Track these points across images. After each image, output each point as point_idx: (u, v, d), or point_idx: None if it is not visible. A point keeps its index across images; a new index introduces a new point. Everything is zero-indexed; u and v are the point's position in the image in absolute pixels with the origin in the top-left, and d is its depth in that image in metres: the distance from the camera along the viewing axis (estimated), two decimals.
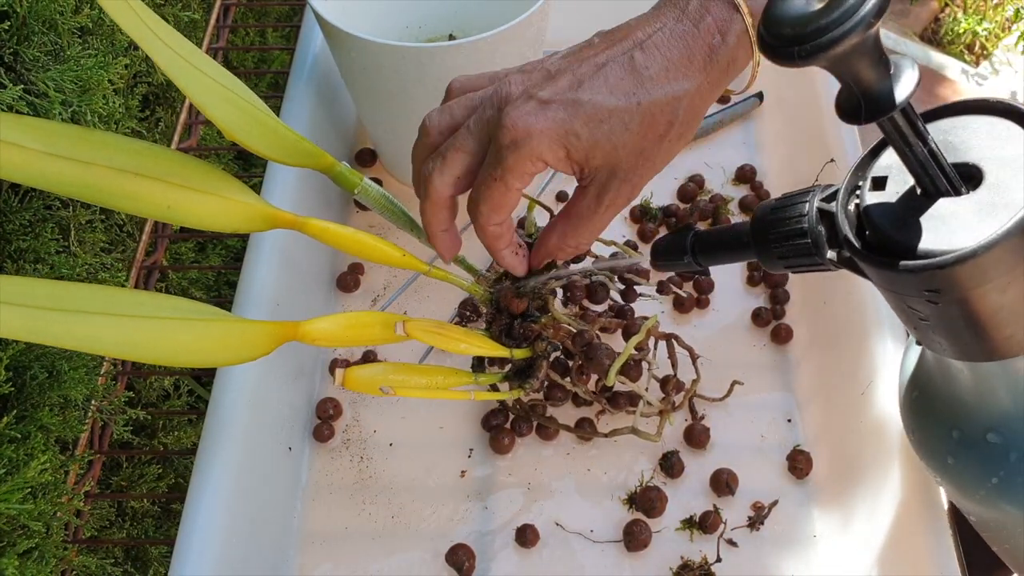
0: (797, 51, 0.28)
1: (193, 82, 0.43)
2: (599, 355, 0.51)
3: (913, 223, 0.32)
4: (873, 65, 0.30)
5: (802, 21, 0.28)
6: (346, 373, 0.45)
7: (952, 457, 0.39)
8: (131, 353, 0.40)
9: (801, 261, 0.38)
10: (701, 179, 0.71)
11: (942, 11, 1.71)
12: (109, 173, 0.42)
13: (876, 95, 0.30)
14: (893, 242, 0.33)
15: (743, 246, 0.41)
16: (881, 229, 0.33)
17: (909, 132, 0.32)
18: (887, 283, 0.34)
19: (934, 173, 0.32)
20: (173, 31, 0.44)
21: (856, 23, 0.27)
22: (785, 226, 0.38)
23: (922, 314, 0.34)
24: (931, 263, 0.31)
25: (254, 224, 0.46)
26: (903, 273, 0.32)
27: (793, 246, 0.38)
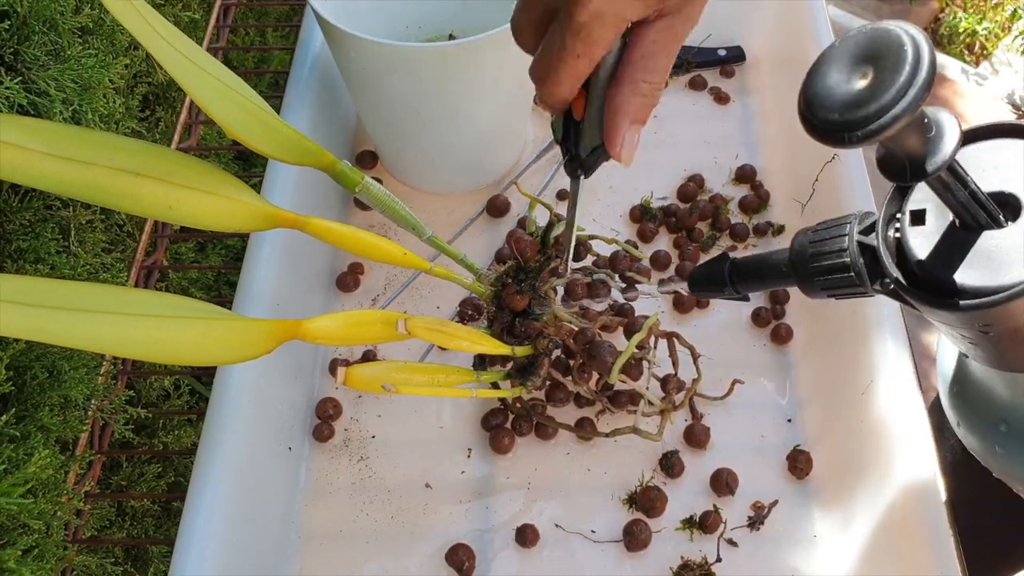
0: (848, 137, 0.28)
1: (195, 80, 0.43)
2: (602, 352, 0.51)
3: (958, 259, 0.33)
4: (916, 133, 0.29)
5: (850, 106, 0.28)
6: (348, 372, 0.45)
7: (1001, 447, 0.40)
8: (131, 351, 0.40)
9: (845, 292, 0.38)
10: (701, 179, 0.71)
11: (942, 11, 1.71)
12: (110, 173, 0.42)
13: (920, 159, 0.30)
14: (940, 280, 0.33)
15: (783, 275, 0.41)
16: (928, 269, 0.34)
17: (951, 180, 0.32)
18: (940, 318, 0.34)
19: (975, 211, 0.32)
20: (175, 30, 0.44)
21: (908, 105, 0.27)
22: (826, 259, 0.38)
23: (972, 339, 0.34)
24: (987, 302, 0.31)
25: (255, 223, 0.46)
26: (959, 311, 0.32)
27: (836, 279, 0.38)
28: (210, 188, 0.44)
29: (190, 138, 0.74)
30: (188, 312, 0.41)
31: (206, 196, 0.44)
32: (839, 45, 0.30)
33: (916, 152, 0.30)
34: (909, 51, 0.27)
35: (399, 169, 0.71)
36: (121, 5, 0.41)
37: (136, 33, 0.41)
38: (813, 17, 0.70)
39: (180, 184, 0.43)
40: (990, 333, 0.33)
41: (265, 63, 0.97)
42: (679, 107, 0.76)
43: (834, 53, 0.29)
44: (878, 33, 0.28)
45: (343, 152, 0.73)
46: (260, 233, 0.58)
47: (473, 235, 0.69)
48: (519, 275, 0.53)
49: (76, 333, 0.38)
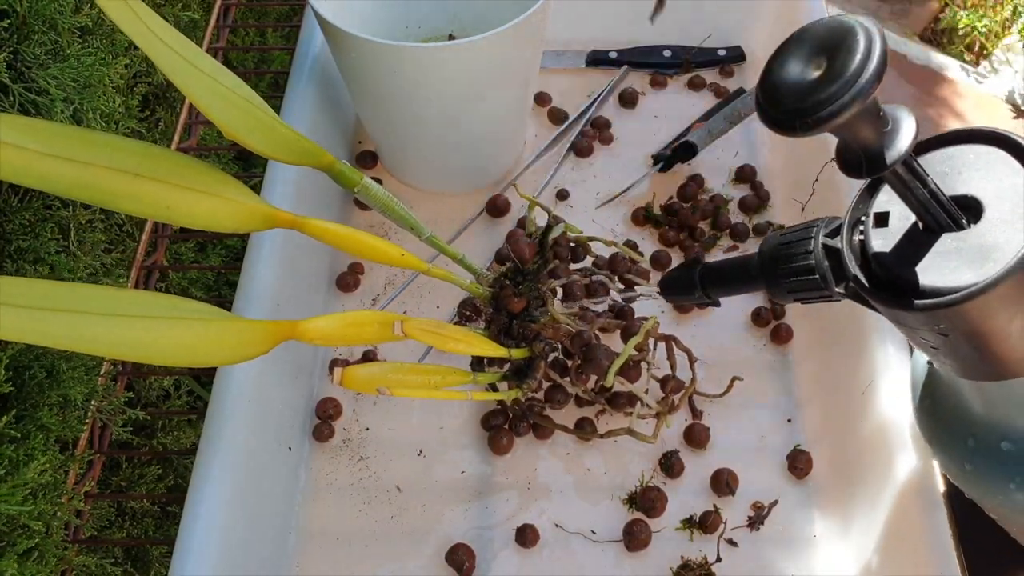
0: (799, 124, 0.28)
1: (192, 82, 0.43)
2: (598, 355, 0.51)
3: (918, 260, 0.33)
4: (872, 124, 0.30)
5: (801, 94, 0.28)
6: (345, 372, 0.45)
7: (969, 463, 0.39)
8: (129, 353, 0.40)
9: (811, 295, 0.39)
10: (701, 179, 0.71)
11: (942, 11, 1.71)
12: (108, 174, 0.42)
13: (876, 152, 0.30)
14: (900, 280, 0.33)
15: (752, 279, 0.42)
16: (888, 268, 0.34)
17: (909, 178, 0.32)
18: (898, 318, 0.34)
19: (935, 211, 0.33)
20: (172, 30, 0.44)
21: (856, 93, 0.27)
22: (792, 262, 0.38)
23: (932, 343, 0.34)
24: (941, 302, 0.31)
25: (253, 224, 0.46)
26: (913, 311, 0.32)
27: (801, 281, 0.38)
28: (208, 188, 0.44)
29: (190, 138, 0.74)
30: (185, 313, 0.41)
31: (204, 196, 0.44)
32: (796, 37, 0.30)
33: (872, 146, 0.30)
34: (861, 41, 0.27)
35: (399, 169, 0.71)
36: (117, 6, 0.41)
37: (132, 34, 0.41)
38: (813, 17, 0.70)
39: (178, 184, 0.43)
40: (949, 335, 0.33)
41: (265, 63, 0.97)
42: (679, 107, 0.76)
43: (791, 45, 0.30)
44: (833, 24, 0.29)
45: (343, 152, 0.73)
46: (260, 233, 0.58)
47: (473, 235, 0.69)
48: (517, 277, 0.53)
49: (73, 335, 0.38)
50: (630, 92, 0.76)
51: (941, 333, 0.33)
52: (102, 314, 0.39)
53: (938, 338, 0.33)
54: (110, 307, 0.40)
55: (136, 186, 0.42)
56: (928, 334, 0.33)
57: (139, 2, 0.43)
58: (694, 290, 0.45)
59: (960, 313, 0.31)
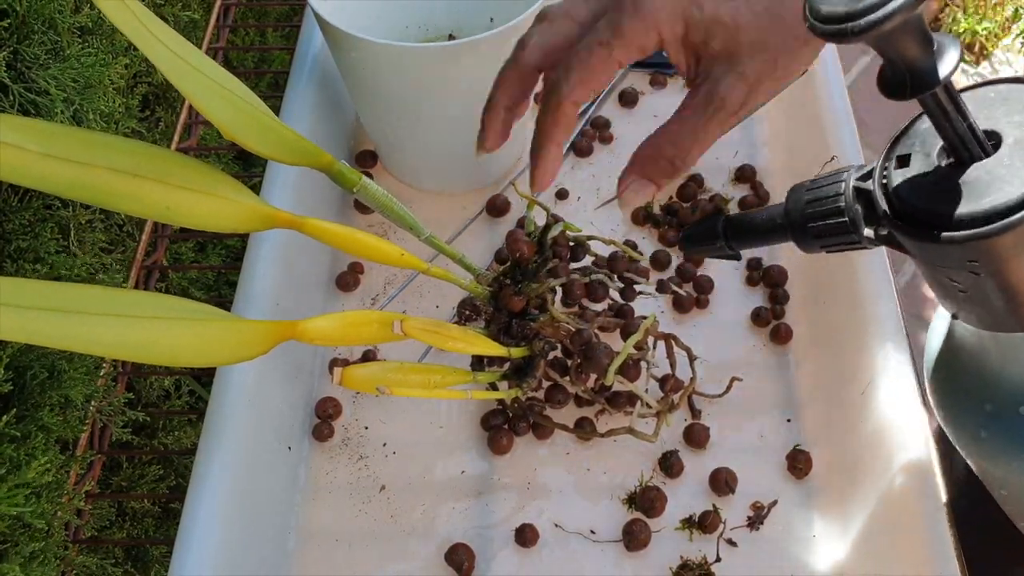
0: (851, 28, 0.28)
1: (191, 82, 0.44)
2: (597, 354, 0.51)
3: (944, 193, 0.33)
4: (918, 42, 0.30)
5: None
6: (344, 372, 0.45)
7: (985, 430, 0.39)
8: (129, 353, 0.40)
9: (838, 240, 0.38)
10: (701, 179, 0.71)
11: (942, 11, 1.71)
12: (108, 174, 0.42)
13: (921, 71, 0.30)
14: (928, 214, 0.33)
15: (777, 228, 0.41)
16: (912, 203, 0.34)
17: (950, 106, 0.32)
18: (929, 257, 0.34)
19: (968, 140, 0.32)
20: (171, 31, 0.44)
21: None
22: (821, 206, 0.38)
23: (961, 286, 0.34)
24: (977, 233, 0.31)
25: (252, 224, 0.46)
26: (946, 245, 0.32)
27: (830, 225, 0.38)
28: (208, 189, 0.44)
29: (190, 138, 0.74)
30: (184, 313, 0.41)
31: (204, 197, 0.44)
32: None
33: (916, 63, 0.30)
34: None
35: (399, 169, 0.71)
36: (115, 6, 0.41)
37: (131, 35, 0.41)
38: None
39: (178, 185, 0.43)
40: (980, 274, 0.32)
41: (265, 63, 0.97)
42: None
43: None
44: None
45: (343, 152, 0.73)
46: (259, 233, 0.58)
47: (473, 235, 0.69)
48: (516, 276, 0.53)
49: (73, 336, 0.38)
50: (630, 92, 0.76)
51: (973, 271, 0.32)
52: (101, 314, 0.39)
53: (968, 278, 0.33)
54: (109, 307, 0.40)
55: (136, 186, 0.42)
56: (959, 274, 0.33)
57: (138, 3, 0.43)
58: (716, 240, 0.44)
59: (997, 245, 0.31)
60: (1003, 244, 0.31)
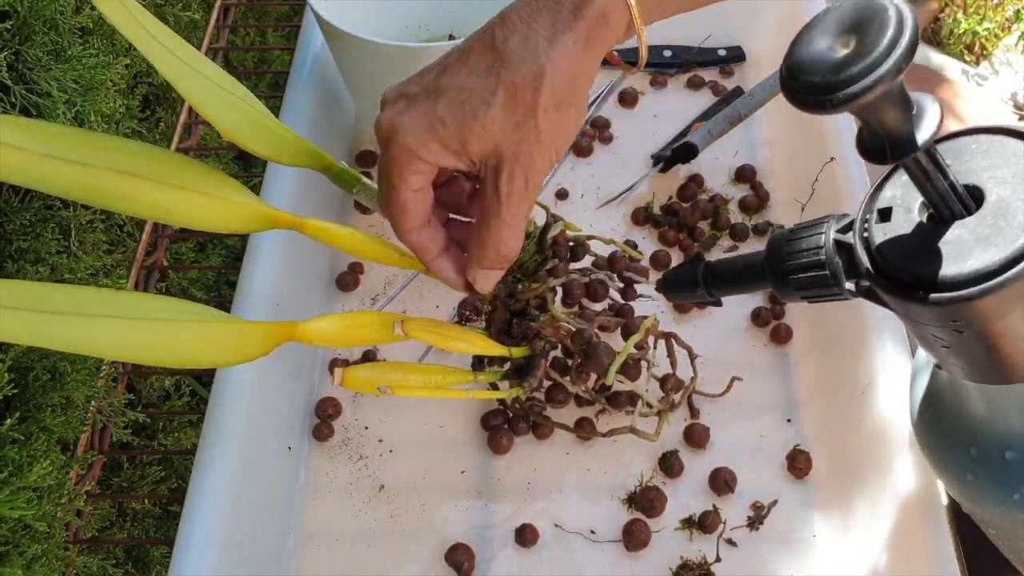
0: (828, 100, 0.28)
1: (190, 84, 0.44)
2: (598, 354, 0.51)
3: (926, 253, 0.32)
4: (898, 107, 0.29)
5: (831, 69, 0.28)
6: (345, 373, 0.45)
7: (971, 474, 0.39)
8: (129, 355, 0.40)
9: (819, 292, 0.38)
10: (701, 179, 0.71)
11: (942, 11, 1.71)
12: (107, 175, 0.42)
13: (901, 137, 0.30)
14: (910, 274, 0.33)
15: (757, 277, 0.41)
16: (895, 262, 0.33)
17: (931, 168, 0.32)
18: (911, 315, 0.34)
19: (950, 200, 0.32)
20: (170, 32, 0.44)
21: (887, 71, 0.27)
22: (802, 257, 0.38)
23: (944, 341, 0.34)
24: (960, 295, 0.31)
25: (252, 224, 0.46)
26: (929, 306, 0.32)
27: (811, 278, 0.38)
28: (207, 189, 0.44)
29: (190, 138, 0.74)
30: (185, 315, 0.41)
31: (203, 197, 0.44)
32: (823, 16, 0.30)
33: (896, 129, 0.30)
34: (892, 16, 0.28)
35: None
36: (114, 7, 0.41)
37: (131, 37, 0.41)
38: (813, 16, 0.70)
39: (177, 186, 0.43)
40: (964, 332, 0.32)
41: (265, 63, 0.97)
42: (679, 107, 0.76)
43: (818, 24, 0.30)
44: (861, 3, 0.29)
45: (343, 151, 0.73)
46: (259, 234, 0.58)
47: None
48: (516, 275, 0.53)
49: (73, 337, 0.38)
50: (630, 92, 0.76)
51: (956, 330, 0.32)
52: (102, 316, 0.39)
53: (952, 336, 0.33)
54: (110, 309, 0.40)
55: (135, 187, 0.42)
56: (941, 331, 0.33)
57: (136, 4, 0.43)
58: (696, 288, 0.44)
59: (979, 307, 0.31)
60: (986, 306, 0.31)
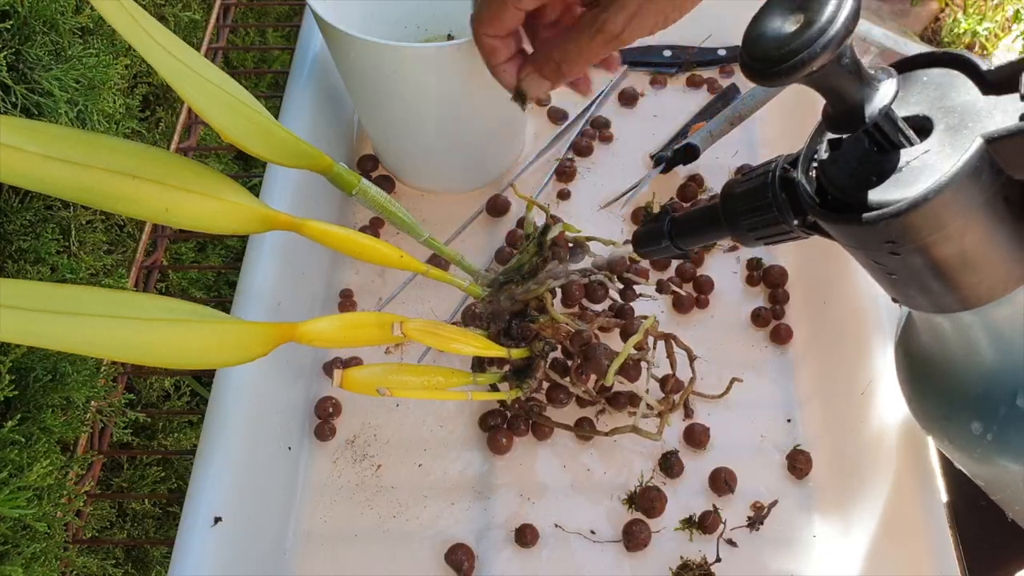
0: (778, 71, 0.30)
1: (190, 85, 0.44)
2: (597, 355, 0.51)
3: (869, 178, 0.34)
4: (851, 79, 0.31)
5: (778, 44, 0.31)
6: (344, 374, 0.45)
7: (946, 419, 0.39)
8: (128, 355, 0.40)
9: (770, 231, 0.39)
10: (700, 179, 0.71)
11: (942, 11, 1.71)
12: (107, 176, 0.42)
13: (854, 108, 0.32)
14: (851, 198, 0.34)
15: (716, 224, 0.42)
16: (839, 186, 0.35)
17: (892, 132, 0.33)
18: (849, 239, 0.35)
19: (891, 133, 0.33)
20: (169, 33, 0.44)
21: (827, 42, 0.29)
22: (752, 198, 0.39)
23: (888, 267, 0.35)
24: (885, 213, 0.32)
25: (251, 226, 0.46)
26: (862, 226, 0.33)
27: (760, 217, 0.39)
28: (207, 190, 0.44)
29: (190, 138, 0.74)
30: (184, 315, 0.41)
31: (203, 198, 0.44)
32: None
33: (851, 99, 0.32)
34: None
35: (399, 169, 0.71)
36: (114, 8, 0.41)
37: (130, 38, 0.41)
38: None
39: (177, 187, 0.43)
40: (900, 255, 0.33)
41: (265, 63, 0.97)
42: (679, 106, 0.76)
43: (771, 5, 0.32)
44: None
45: (343, 151, 0.73)
46: (259, 234, 0.58)
47: (473, 235, 0.69)
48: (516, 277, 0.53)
49: (73, 337, 0.38)
50: (630, 91, 0.76)
51: (893, 252, 0.33)
52: (102, 316, 0.39)
53: (892, 260, 0.34)
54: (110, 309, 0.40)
55: (135, 188, 0.43)
56: (883, 257, 0.34)
57: (135, 5, 0.43)
58: (662, 239, 0.46)
59: (907, 224, 0.32)
60: (913, 223, 0.32)
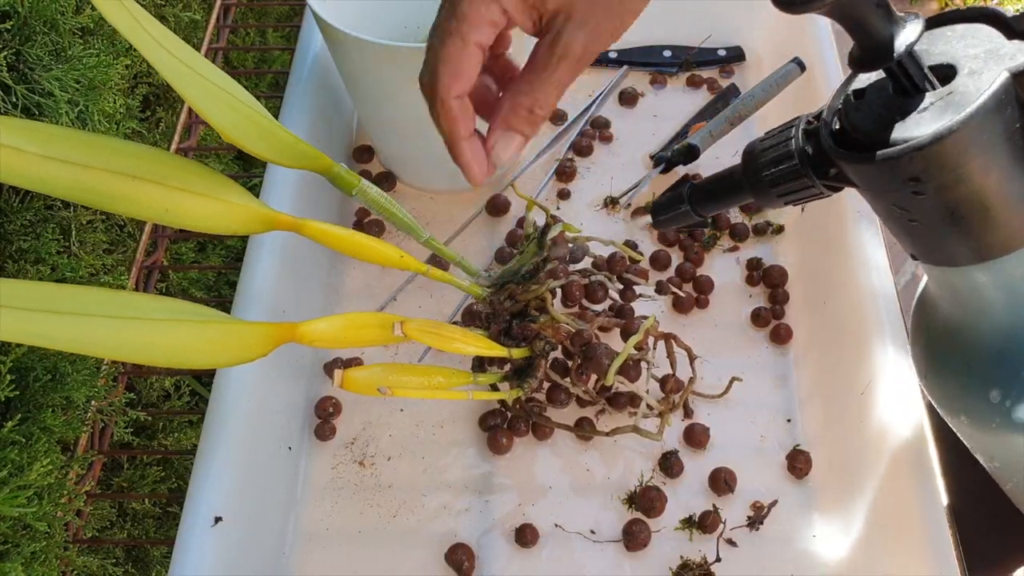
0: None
1: (190, 85, 0.44)
2: (598, 354, 0.51)
3: (892, 121, 0.33)
4: (877, 14, 0.31)
5: None
6: (344, 374, 0.45)
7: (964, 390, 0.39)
8: (129, 355, 0.40)
9: (793, 186, 0.39)
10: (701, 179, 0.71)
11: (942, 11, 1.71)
12: (107, 176, 0.42)
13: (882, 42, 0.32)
14: (875, 139, 0.34)
15: (737, 187, 0.42)
16: (863, 130, 0.34)
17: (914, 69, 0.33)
18: (871, 182, 0.35)
19: (916, 74, 0.33)
20: (169, 33, 0.44)
21: None
22: (774, 151, 0.39)
23: (910, 213, 0.34)
24: (911, 145, 0.31)
25: (251, 226, 0.46)
26: (884, 164, 0.32)
27: (783, 171, 0.39)
28: (207, 191, 0.44)
29: (190, 138, 0.74)
30: (184, 315, 0.41)
31: (203, 199, 0.44)
32: None
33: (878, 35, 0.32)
34: None
35: (398, 168, 0.71)
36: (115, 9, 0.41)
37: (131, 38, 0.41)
38: (812, 17, 0.70)
39: (177, 187, 0.43)
40: (924, 194, 0.33)
41: (265, 63, 0.97)
42: (678, 106, 0.76)
43: None
44: None
45: (343, 151, 0.73)
46: (259, 235, 0.58)
47: (473, 235, 0.69)
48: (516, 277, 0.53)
49: (74, 337, 0.38)
50: (630, 92, 0.76)
51: (916, 192, 0.33)
52: (102, 316, 0.39)
53: (914, 200, 0.33)
54: (110, 309, 0.40)
55: (135, 189, 0.43)
56: (905, 199, 0.34)
57: (136, 5, 0.43)
58: (682, 204, 0.45)
59: (933, 157, 0.31)
60: (939, 155, 0.31)
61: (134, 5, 0.42)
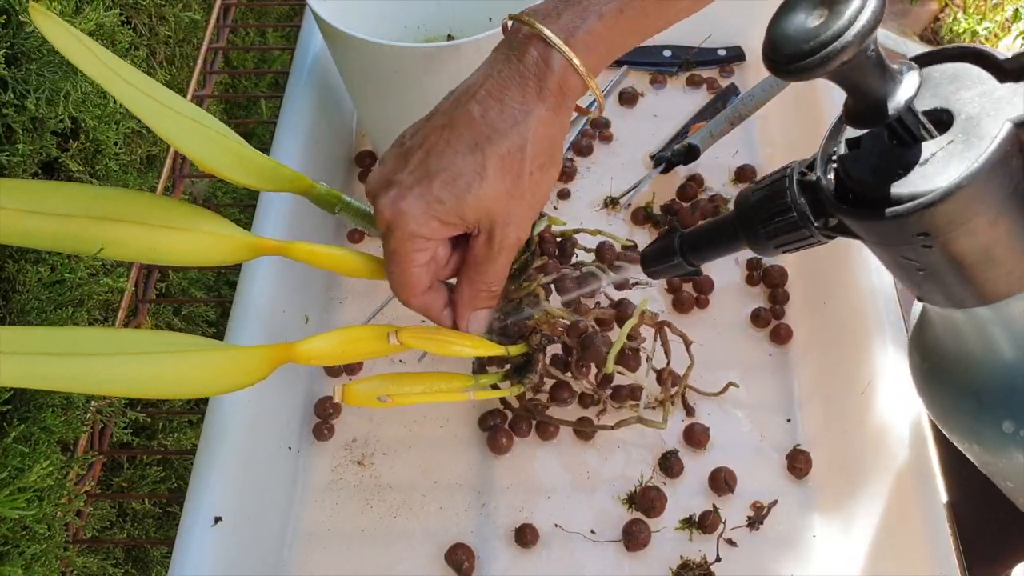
0: (802, 67, 0.30)
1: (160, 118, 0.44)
2: (596, 343, 0.51)
3: (893, 173, 0.33)
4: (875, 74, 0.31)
5: (805, 38, 0.30)
6: (346, 389, 0.46)
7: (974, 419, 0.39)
8: (131, 390, 0.41)
9: (791, 238, 0.39)
10: (700, 179, 0.71)
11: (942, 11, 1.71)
12: (89, 223, 0.43)
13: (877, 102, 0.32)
14: (876, 194, 0.33)
15: (731, 236, 0.42)
16: (862, 182, 0.34)
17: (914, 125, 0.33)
18: (879, 236, 0.34)
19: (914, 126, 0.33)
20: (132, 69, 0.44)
21: (853, 36, 0.29)
22: (769, 205, 0.38)
23: (918, 263, 0.34)
24: (919, 203, 0.31)
25: (238, 255, 0.47)
26: (892, 220, 0.32)
27: (780, 224, 0.38)
28: (190, 226, 0.45)
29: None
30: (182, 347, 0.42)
31: (186, 234, 0.45)
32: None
33: (874, 94, 0.32)
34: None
35: None
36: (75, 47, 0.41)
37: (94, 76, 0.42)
38: None
39: (160, 225, 0.44)
40: (932, 247, 0.33)
41: (265, 63, 0.97)
42: (678, 106, 0.76)
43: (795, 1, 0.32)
44: None
45: (343, 151, 0.73)
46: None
47: None
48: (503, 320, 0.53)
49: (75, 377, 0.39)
50: (630, 91, 0.77)
51: (924, 245, 0.33)
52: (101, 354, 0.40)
53: (922, 253, 0.33)
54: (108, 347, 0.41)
55: (118, 231, 0.43)
56: (912, 251, 0.33)
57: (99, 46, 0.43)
58: (673, 256, 0.45)
59: (941, 213, 0.31)
60: (948, 211, 0.31)
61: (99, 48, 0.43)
